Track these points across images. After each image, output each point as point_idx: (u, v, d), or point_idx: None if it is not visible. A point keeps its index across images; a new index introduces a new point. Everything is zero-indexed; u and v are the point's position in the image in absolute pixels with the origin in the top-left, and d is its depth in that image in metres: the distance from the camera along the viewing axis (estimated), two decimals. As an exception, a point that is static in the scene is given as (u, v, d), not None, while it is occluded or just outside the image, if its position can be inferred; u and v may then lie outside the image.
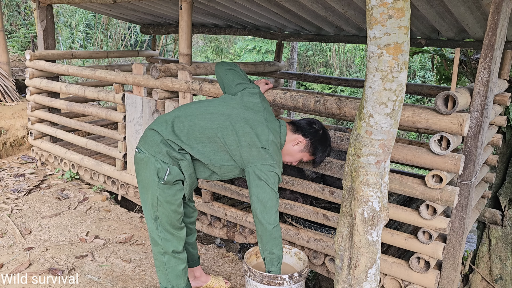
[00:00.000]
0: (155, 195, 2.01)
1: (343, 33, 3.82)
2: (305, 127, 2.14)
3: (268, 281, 2.12)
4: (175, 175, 2.00)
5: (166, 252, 2.11)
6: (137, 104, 3.31)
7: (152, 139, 2.02)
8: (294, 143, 2.12)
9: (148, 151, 2.00)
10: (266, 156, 1.97)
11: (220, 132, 2.00)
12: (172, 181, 2.00)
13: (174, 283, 2.16)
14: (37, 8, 4.22)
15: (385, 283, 2.39)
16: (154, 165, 1.98)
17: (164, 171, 1.98)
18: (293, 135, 2.12)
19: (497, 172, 3.30)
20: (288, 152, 2.14)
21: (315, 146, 2.14)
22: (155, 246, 2.13)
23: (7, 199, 3.58)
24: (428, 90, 3.52)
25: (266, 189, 1.96)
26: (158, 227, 2.08)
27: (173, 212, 2.07)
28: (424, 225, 2.14)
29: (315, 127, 2.15)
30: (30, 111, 4.36)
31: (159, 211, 2.04)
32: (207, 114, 2.05)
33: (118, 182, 3.72)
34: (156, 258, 2.15)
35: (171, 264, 2.14)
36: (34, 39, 7.40)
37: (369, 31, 1.33)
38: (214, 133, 2.00)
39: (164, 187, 2.00)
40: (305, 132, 2.12)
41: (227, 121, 2.01)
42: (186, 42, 3.06)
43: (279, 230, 2.03)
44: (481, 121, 2.04)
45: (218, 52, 11.84)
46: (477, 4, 2.43)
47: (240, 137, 1.99)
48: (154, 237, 2.11)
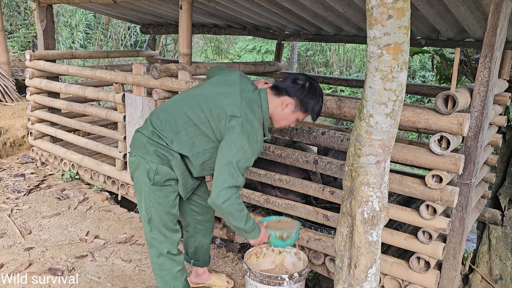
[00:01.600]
0: (147, 197, 2.01)
1: (343, 33, 3.82)
2: (289, 86, 1.97)
3: (268, 281, 2.12)
4: (164, 175, 1.96)
5: (162, 253, 2.11)
6: (137, 104, 3.31)
7: (139, 141, 2.01)
8: (283, 107, 1.97)
9: (138, 154, 1.99)
10: (234, 124, 1.85)
11: (191, 113, 1.94)
12: (161, 181, 1.97)
13: (171, 285, 2.16)
14: (37, 8, 4.22)
15: (385, 283, 2.39)
16: (144, 166, 1.97)
17: (153, 172, 1.95)
18: (279, 99, 1.97)
19: (497, 172, 3.30)
20: (280, 117, 2.01)
21: (306, 102, 1.96)
22: (150, 248, 2.13)
23: (7, 199, 3.58)
24: (428, 90, 3.52)
25: (222, 160, 1.84)
26: (152, 229, 2.08)
27: (166, 214, 2.05)
28: (424, 225, 2.14)
29: (299, 82, 1.97)
30: (30, 111, 4.36)
31: (152, 212, 2.04)
32: (178, 102, 2.01)
33: (118, 182, 3.72)
34: (152, 261, 2.15)
35: (167, 266, 2.13)
36: (34, 39, 7.40)
37: (369, 31, 1.33)
38: (186, 116, 1.94)
39: (155, 188, 1.99)
40: (290, 91, 1.96)
41: (197, 101, 1.96)
42: (186, 42, 3.06)
43: (232, 206, 1.85)
44: (481, 121, 2.04)
45: (218, 52, 11.85)
46: (477, 4, 2.43)
47: (211, 111, 1.91)
48: (148, 239, 2.11)
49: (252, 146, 1.87)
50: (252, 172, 2.80)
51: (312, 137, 2.47)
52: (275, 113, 2.01)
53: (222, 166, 1.83)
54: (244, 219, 1.91)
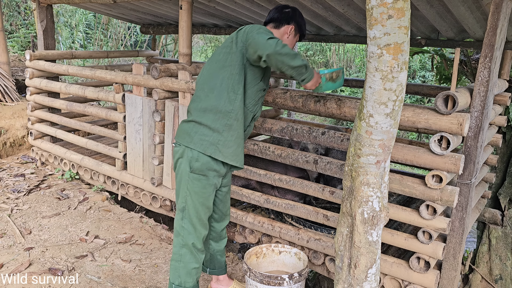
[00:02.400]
0: (186, 185, 2.09)
1: (343, 33, 3.82)
2: (283, 15, 2.19)
3: (268, 281, 2.12)
4: (204, 163, 2.05)
5: (186, 244, 2.14)
6: (137, 104, 3.31)
7: (184, 130, 2.11)
8: (287, 35, 2.20)
9: (182, 143, 2.09)
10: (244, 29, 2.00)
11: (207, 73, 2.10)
12: (202, 169, 2.06)
13: (182, 280, 2.17)
14: (37, 8, 4.22)
15: (385, 283, 2.39)
16: (188, 154, 2.06)
17: (194, 159, 2.05)
18: (280, 30, 2.19)
19: (497, 172, 3.30)
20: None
21: (300, 23, 2.24)
22: (176, 237, 2.17)
23: (7, 199, 3.58)
24: (428, 90, 3.52)
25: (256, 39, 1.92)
26: (184, 218, 2.13)
27: (201, 205, 2.11)
28: (424, 225, 2.14)
29: (288, 9, 2.22)
30: (30, 111, 4.36)
31: (187, 201, 2.10)
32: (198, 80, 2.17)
33: (118, 182, 3.72)
34: (174, 251, 2.18)
35: (186, 259, 2.16)
36: (34, 39, 7.40)
37: (369, 31, 1.33)
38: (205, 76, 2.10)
39: (194, 177, 2.07)
40: (288, 19, 2.19)
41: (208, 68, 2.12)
42: (186, 42, 3.06)
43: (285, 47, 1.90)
44: (481, 121, 2.04)
45: (218, 52, 11.79)
46: (477, 4, 2.43)
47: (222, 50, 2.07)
48: (177, 227, 2.16)
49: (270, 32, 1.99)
50: (252, 172, 2.80)
51: (312, 137, 2.47)
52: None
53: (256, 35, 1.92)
54: (299, 56, 1.96)
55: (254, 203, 2.85)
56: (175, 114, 3.05)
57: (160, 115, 3.13)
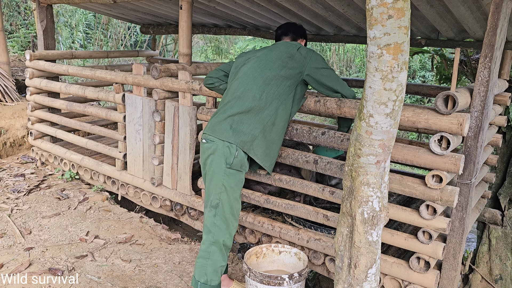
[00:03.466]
0: (220, 181, 2.12)
1: (343, 33, 3.82)
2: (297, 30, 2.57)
3: (268, 281, 2.12)
4: (241, 159, 2.12)
5: (217, 241, 2.17)
6: (137, 104, 3.31)
7: (221, 126, 2.19)
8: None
9: (219, 138, 2.14)
10: (307, 50, 2.33)
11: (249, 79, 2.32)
12: (238, 165, 2.12)
13: (209, 277, 2.19)
14: (37, 8, 4.22)
15: (385, 283, 2.39)
16: (223, 150, 2.11)
17: (233, 155, 2.10)
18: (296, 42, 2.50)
19: (497, 172, 3.30)
20: None
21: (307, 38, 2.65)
22: (206, 235, 2.18)
23: (7, 199, 3.58)
24: (428, 90, 3.52)
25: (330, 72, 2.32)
26: (217, 215, 2.15)
27: (235, 200, 2.16)
28: (424, 225, 2.14)
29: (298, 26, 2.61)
30: (30, 111, 4.36)
31: (222, 197, 2.13)
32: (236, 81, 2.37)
33: (118, 182, 3.72)
34: (202, 249, 2.20)
35: (215, 257, 2.18)
36: (34, 39, 7.40)
37: (369, 31, 1.33)
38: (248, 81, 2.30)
39: (230, 172, 2.12)
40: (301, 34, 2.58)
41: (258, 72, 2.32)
42: (186, 42, 3.06)
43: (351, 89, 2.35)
44: (481, 121, 2.04)
45: (218, 52, 11.84)
46: (477, 4, 2.43)
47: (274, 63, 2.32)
48: (208, 224, 2.18)
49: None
50: (251, 172, 2.79)
51: (312, 137, 2.47)
52: None
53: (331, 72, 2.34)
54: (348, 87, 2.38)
55: (254, 203, 2.85)
56: (175, 114, 3.05)
57: (160, 115, 3.13)
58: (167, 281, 2.63)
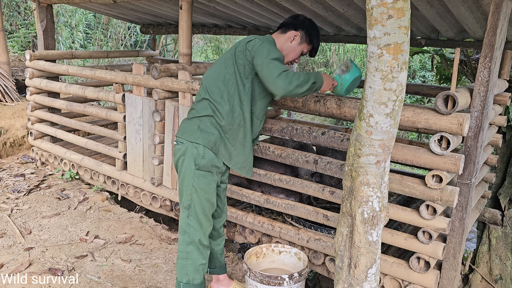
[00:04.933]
0: (191, 182, 2.10)
1: (343, 33, 3.82)
2: (293, 21, 2.24)
3: (268, 281, 2.12)
4: (209, 159, 2.10)
5: (193, 241, 2.16)
6: (137, 104, 3.31)
7: (190, 127, 2.15)
8: (290, 40, 2.21)
9: (187, 139, 2.11)
10: (252, 44, 2.06)
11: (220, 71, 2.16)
12: (207, 165, 2.09)
13: (191, 277, 2.19)
14: (37, 8, 4.22)
15: (385, 283, 2.39)
16: (192, 151, 2.09)
17: (200, 156, 2.08)
18: (285, 34, 2.22)
19: (497, 172, 3.30)
20: (289, 49, 2.22)
21: (310, 33, 2.23)
22: (182, 235, 2.18)
23: (7, 199, 3.58)
24: (428, 90, 3.52)
25: (262, 65, 2.01)
26: (190, 215, 2.15)
27: (206, 201, 2.14)
28: (424, 225, 2.14)
29: (300, 17, 2.25)
30: (30, 111, 4.35)
31: (193, 198, 2.12)
32: (204, 76, 2.23)
33: (118, 182, 3.72)
34: (180, 250, 2.20)
35: (193, 256, 2.18)
36: (34, 39, 7.40)
37: (369, 31, 1.33)
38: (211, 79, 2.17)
39: (199, 173, 2.10)
40: (295, 25, 2.21)
41: (219, 62, 2.19)
42: (186, 42, 3.06)
43: (293, 82, 1.96)
44: (481, 121, 2.04)
45: (218, 52, 11.84)
46: (477, 4, 2.43)
47: (227, 58, 2.15)
48: (182, 225, 2.17)
49: (276, 49, 2.09)
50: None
51: (312, 137, 2.47)
52: (283, 48, 2.21)
53: (265, 68, 2.00)
54: (306, 78, 2.00)
55: (254, 203, 2.85)
56: (175, 114, 3.05)
57: (160, 115, 3.13)
58: (167, 281, 2.63)
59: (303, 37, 2.22)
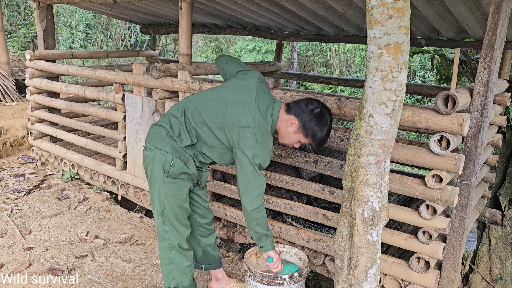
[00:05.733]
0: (161, 190, 2.06)
1: (343, 33, 3.82)
2: (299, 107, 2.03)
3: (268, 281, 2.12)
4: (178, 167, 2.04)
5: (173, 246, 2.14)
6: (137, 104, 3.31)
7: (158, 133, 2.08)
8: (287, 124, 2.03)
9: (155, 145, 2.06)
10: (248, 135, 1.94)
11: (206, 116, 2.03)
12: (176, 173, 2.05)
13: (178, 280, 2.18)
14: (37, 8, 4.22)
15: (385, 283, 2.39)
16: (160, 158, 2.03)
17: (168, 164, 2.02)
18: (286, 116, 2.04)
19: (497, 172, 3.30)
20: (283, 134, 2.08)
21: (308, 126, 2.00)
22: (161, 242, 2.16)
23: (7, 199, 3.58)
24: (428, 90, 3.52)
25: (247, 170, 1.95)
26: (165, 222, 2.12)
27: (178, 207, 2.10)
28: (424, 225, 2.14)
29: (310, 107, 2.02)
30: (30, 111, 4.36)
31: (165, 205, 2.09)
32: (196, 101, 2.09)
33: (118, 182, 3.72)
34: (162, 256, 2.18)
35: (177, 260, 2.17)
36: (34, 39, 7.40)
37: (369, 31, 1.33)
38: (201, 117, 2.03)
39: (169, 181, 2.05)
40: (297, 112, 2.01)
41: (214, 105, 2.04)
42: (186, 42, 3.06)
43: (261, 212, 2.00)
44: (481, 121, 2.04)
45: (218, 52, 11.84)
46: (477, 4, 2.43)
47: (225, 118, 1.99)
48: (160, 232, 2.15)
49: (265, 155, 1.98)
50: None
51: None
52: (280, 128, 2.08)
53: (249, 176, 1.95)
54: (267, 225, 2.06)
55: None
56: (175, 114, 3.05)
57: (160, 115, 3.13)
58: (167, 281, 2.63)
59: (300, 127, 2.01)
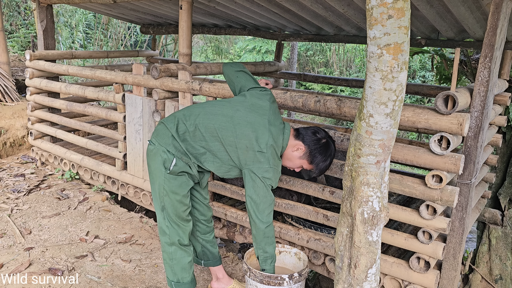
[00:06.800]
0: (162, 185, 2.09)
1: (343, 33, 3.82)
2: (308, 134, 2.14)
3: (268, 281, 2.12)
4: (180, 167, 2.07)
5: (173, 242, 2.17)
6: (137, 104, 3.31)
7: (165, 132, 2.10)
8: (294, 149, 2.13)
9: (159, 142, 2.08)
10: (262, 160, 2.01)
11: (220, 132, 2.05)
12: (177, 171, 2.07)
13: (179, 276, 2.20)
14: (37, 8, 4.22)
15: (385, 283, 2.39)
16: (162, 156, 2.05)
17: (170, 162, 2.05)
18: (294, 141, 2.13)
19: (497, 172, 3.30)
20: (288, 157, 2.16)
21: (314, 154, 2.12)
22: (162, 236, 2.19)
23: (7, 199, 3.58)
24: (428, 90, 3.52)
25: (260, 190, 2.02)
26: (165, 217, 2.15)
27: (179, 203, 2.12)
28: (424, 225, 2.14)
29: (317, 136, 2.13)
30: (30, 111, 4.36)
31: (165, 201, 2.11)
32: (210, 115, 2.10)
33: (118, 182, 3.72)
34: (163, 250, 2.21)
35: (177, 256, 2.19)
36: (34, 39, 7.40)
37: (369, 31, 1.33)
38: (216, 132, 2.06)
39: (170, 177, 2.07)
40: (306, 139, 2.12)
41: (229, 123, 2.06)
42: (186, 42, 3.06)
43: (272, 229, 2.10)
44: (481, 121, 2.04)
45: (218, 52, 11.84)
46: (477, 4, 2.43)
47: (239, 139, 2.03)
48: (162, 227, 2.18)
49: (276, 177, 2.08)
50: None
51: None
52: (286, 151, 2.15)
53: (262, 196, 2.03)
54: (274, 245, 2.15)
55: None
56: (175, 114, 3.05)
57: (160, 115, 3.13)
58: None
59: (307, 153, 2.12)
